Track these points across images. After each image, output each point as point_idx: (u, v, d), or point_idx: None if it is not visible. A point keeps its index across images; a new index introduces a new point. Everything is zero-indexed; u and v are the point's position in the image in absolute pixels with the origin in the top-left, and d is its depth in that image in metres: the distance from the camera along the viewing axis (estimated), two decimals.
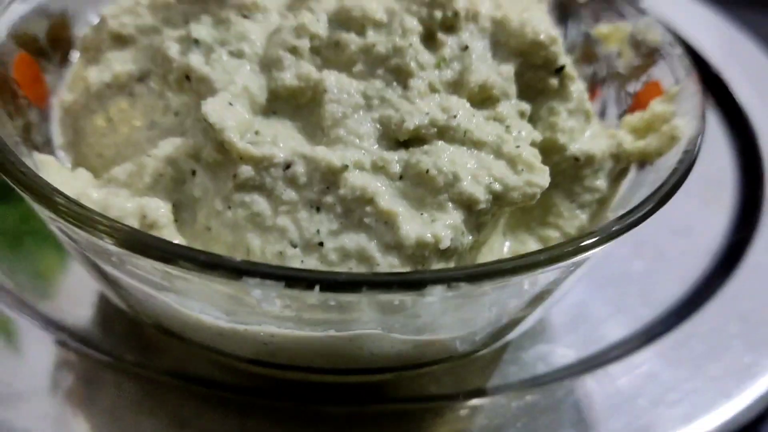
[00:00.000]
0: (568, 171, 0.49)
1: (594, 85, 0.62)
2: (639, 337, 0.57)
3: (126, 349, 0.52)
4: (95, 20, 0.58)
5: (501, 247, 0.49)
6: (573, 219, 0.50)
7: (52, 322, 0.54)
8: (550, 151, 0.49)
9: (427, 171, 0.42)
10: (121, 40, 0.53)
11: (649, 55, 0.57)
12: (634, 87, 0.58)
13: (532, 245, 0.49)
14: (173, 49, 0.48)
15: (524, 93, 0.49)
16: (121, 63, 0.52)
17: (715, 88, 0.84)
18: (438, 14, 0.47)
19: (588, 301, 0.59)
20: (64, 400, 0.49)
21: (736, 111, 0.81)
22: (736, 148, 0.79)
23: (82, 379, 0.50)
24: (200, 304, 0.40)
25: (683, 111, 0.50)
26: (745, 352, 0.55)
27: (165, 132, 0.48)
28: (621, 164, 0.51)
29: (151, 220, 0.41)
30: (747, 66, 0.87)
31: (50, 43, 0.56)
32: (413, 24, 0.46)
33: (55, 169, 0.47)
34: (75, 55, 0.57)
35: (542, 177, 0.43)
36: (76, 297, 0.57)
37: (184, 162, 0.44)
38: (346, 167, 0.42)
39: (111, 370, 0.51)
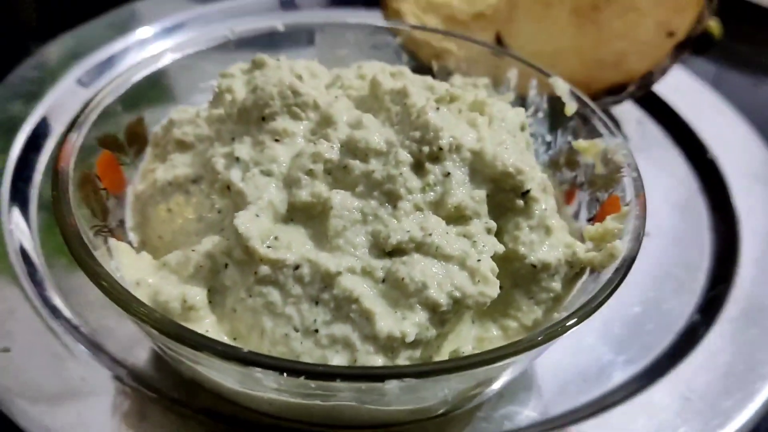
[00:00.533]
0: (527, 275, 0.61)
1: (573, 189, 0.73)
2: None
3: (170, 389, 0.66)
4: (164, 120, 0.73)
5: (468, 332, 0.60)
6: (530, 313, 0.61)
7: (111, 358, 0.67)
8: (512, 259, 0.60)
9: (403, 279, 0.54)
10: (183, 146, 0.68)
11: (615, 171, 0.68)
12: (602, 197, 0.69)
13: (494, 332, 0.61)
14: (220, 164, 0.62)
15: (495, 210, 0.61)
16: (182, 166, 0.66)
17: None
18: (426, 149, 0.59)
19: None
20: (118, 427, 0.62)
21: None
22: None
23: (133, 411, 0.64)
24: (221, 373, 0.53)
25: (628, 230, 0.61)
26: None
27: (209, 226, 0.62)
28: (575, 269, 0.62)
29: (190, 304, 0.55)
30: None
31: (128, 140, 0.71)
32: (405, 156, 0.58)
33: (125, 253, 0.61)
34: (148, 150, 0.72)
35: (493, 289, 0.55)
36: (133, 338, 0.70)
37: (220, 257, 0.57)
38: (339, 273, 0.54)
39: (157, 404, 0.64)
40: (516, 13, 0.93)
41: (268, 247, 0.56)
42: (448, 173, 0.59)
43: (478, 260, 0.56)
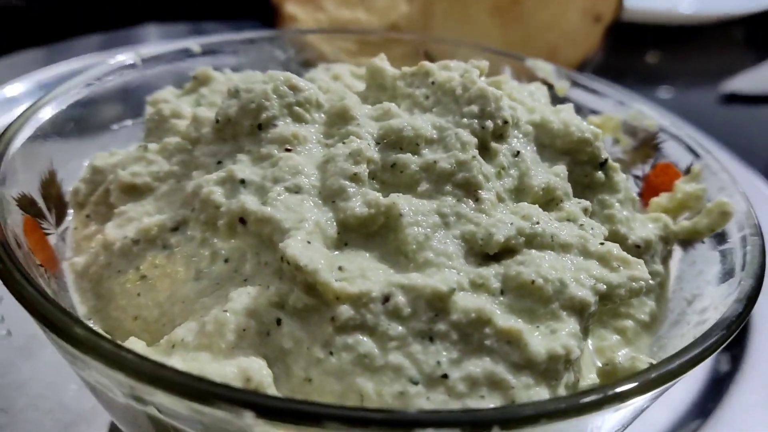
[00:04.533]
0: None
1: None
2: None
3: None
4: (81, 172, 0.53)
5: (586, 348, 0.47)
6: (642, 305, 0.50)
7: None
8: (613, 242, 0.48)
9: (533, 282, 0.40)
10: (135, 191, 0.49)
11: (648, 140, 0.59)
12: (641, 170, 0.60)
13: (613, 338, 0.48)
14: (217, 194, 0.44)
15: (573, 189, 0.49)
16: (145, 216, 0.47)
17: None
18: (490, 124, 0.46)
19: None
20: None
21: None
22: None
23: None
24: None
25: (716, 187, 0.52)
26: None
27: (216, 281, 0.44)
28: (669, 245, 0.52)
29: (257, 381, 0.37)
30: None
31: (45, 203, 0.50)
32: (469, 137, 0.45)
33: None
34: (70, 214, 0.52)
35: (642, 271, 0.43)
36: None
37: (267, 312, 0.40)
38: (453, 290, 0.39)
39: None
40: (433, 19, 0.85)
41: (338, 281, 0.39)
42: (518, 152, 0.47)
43: (601, 243, 0.44)
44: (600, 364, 0.46)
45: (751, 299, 0.40)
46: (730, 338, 0.37)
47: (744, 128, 1.12)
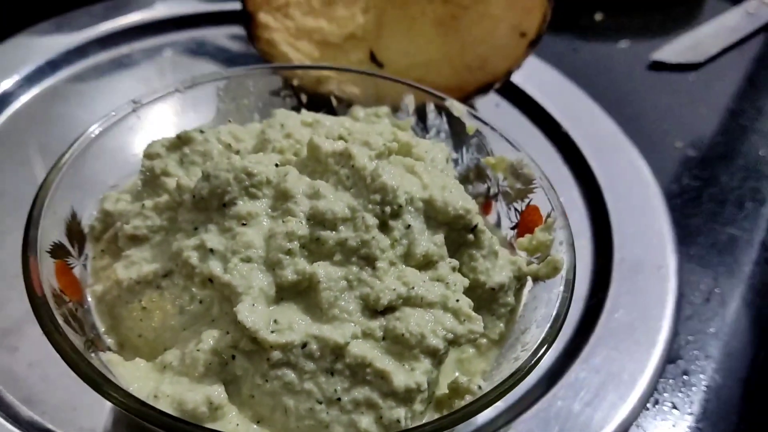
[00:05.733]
0: (487, 297, 0.70)
1: (489, 200, 0.83)
2: None
3: None
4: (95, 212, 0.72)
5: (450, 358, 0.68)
6: (495, 328, 0.70)
7: None
8: (474, 287, 0.69)
9: (402, 334, 0.61)
10: (136, 240, 0.68)
11: (527, 183, 0.78)
12: (519, 206, 0.79)
13: (470, 350, 0.69)
14: (194, 258, 0.64)
15: (450, 246, 0.69)
16: (143, 261, 0.67)
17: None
18: (388, 210, 0.65)
19: None
20: None
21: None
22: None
23: None
24: None
25: (559, 240, 0.71)
26: None
27: (194, 317, 0.64)
28: (522, 281, 0.72)
29: (216, 404, 0.58)
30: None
31: (70, 241, 0.70)
32: (372, 220, 0.64)
33: (120, 365, 0.62)
34: (89, 247, 0.71)
35: (478, 325, 0.63)
36: None
37: (226, 351, 0.61)
38: (347, 343, 0.60)
39: None
40: (384, 30, 0.99)
41: (273, 332, 0.60)
42: (409, 225, 0.66)
43: (457, 300, 0.64)
44: (457, 373, 0.68)
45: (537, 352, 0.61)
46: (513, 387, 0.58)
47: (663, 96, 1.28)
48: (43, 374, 0.74)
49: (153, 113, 0.80)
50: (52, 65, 1.12)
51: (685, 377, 0.83)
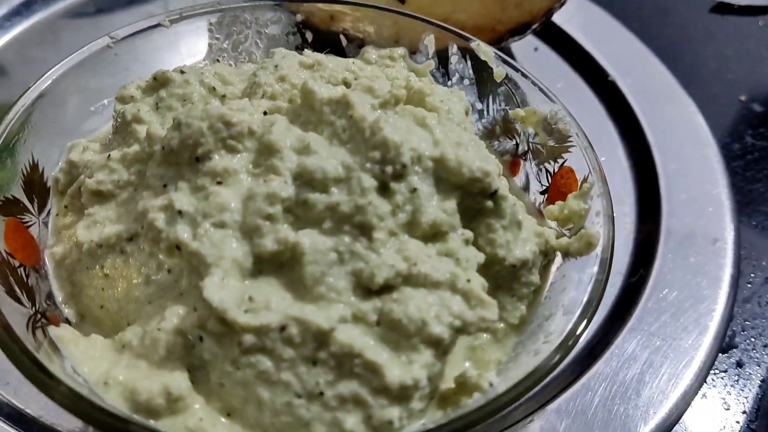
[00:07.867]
0: (507, 276, 0.59)
1: (517, 159, 0.71)
2: None
3: None
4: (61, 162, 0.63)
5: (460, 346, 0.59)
6: (515, 311, 0.60)
7: None
8: (492, 263, 0.58)
9: (400, 320, 0.51)
10: (100, 196, 0.59)
11: (562, 140, 0.66)
12: (552, 167, 0.67)
13: (484, 337, 0.59)
14: (160, 220, 0.54)
15: (464, 214, 0.58)
16: (107, 221, 0.58)
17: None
18: (389, 169, 0.54)
19: None
20: None
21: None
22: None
23: None
24: None
25: (596, 210, 0.60)
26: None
27: (162, 288, 0.55)
28: (549, 257, 0.61)
29: (176, 395, 0.49)
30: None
31: (27, 195, 0.61)
32: (369, 182, 0.54)
33: (72, 342, 0.53)
34: (51, 201, 0.63)
35: (492, 312, 0.53)
36: None
37: (192, 331, 0.52)
38: (333, 329, 0.50)
39: None
40: None
41: (246, 311, 0.50)
42: (415, 189, 0.55)
43: (468, 280, 0.54)
44: (467, 363, 0.58)
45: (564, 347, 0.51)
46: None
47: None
48: None
49: (135, 50, 0.70)
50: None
51: (739, 369, 0.72)
